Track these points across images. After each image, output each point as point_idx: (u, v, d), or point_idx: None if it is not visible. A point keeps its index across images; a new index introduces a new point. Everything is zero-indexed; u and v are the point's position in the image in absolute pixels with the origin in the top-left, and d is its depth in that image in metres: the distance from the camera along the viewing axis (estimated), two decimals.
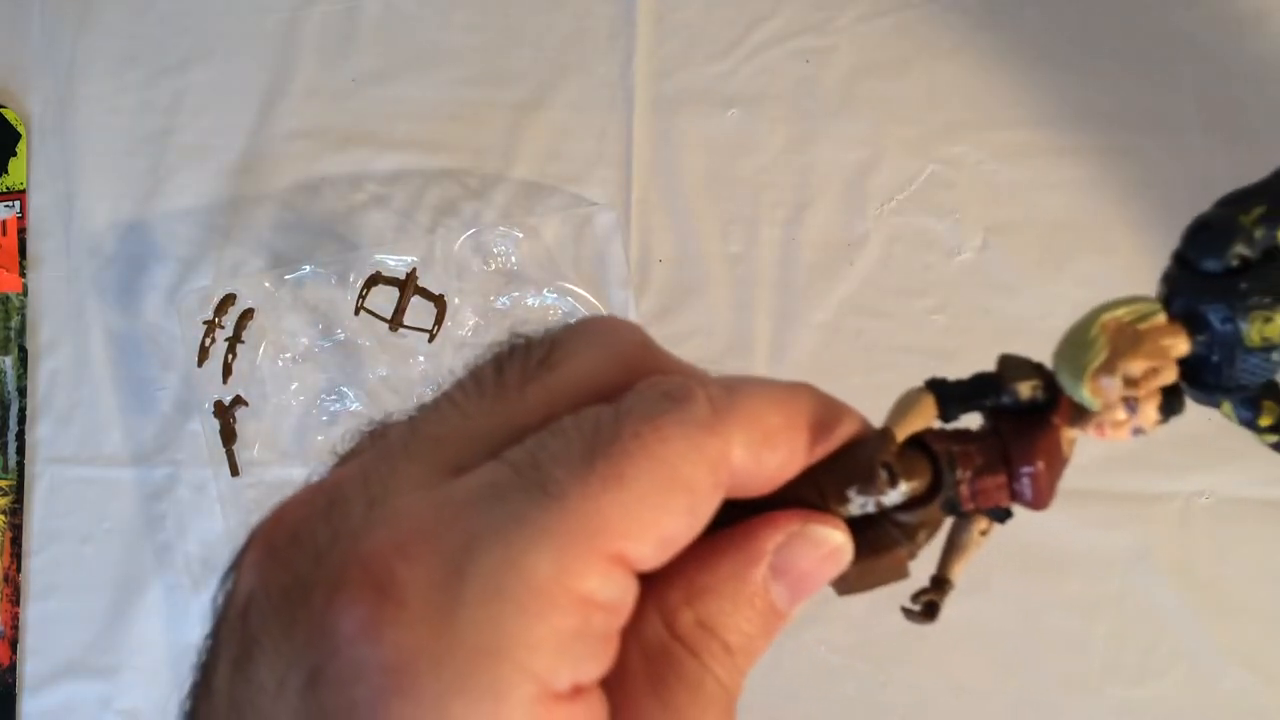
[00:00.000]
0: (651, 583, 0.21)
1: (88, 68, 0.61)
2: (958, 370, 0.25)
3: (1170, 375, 0.23)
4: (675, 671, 0.21)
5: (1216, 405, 0.25)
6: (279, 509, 0.21)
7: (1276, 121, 0.56)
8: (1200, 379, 0.24)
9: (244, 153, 0.60)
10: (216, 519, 0.57)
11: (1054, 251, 0.56)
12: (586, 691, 0.19)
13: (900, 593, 0.25)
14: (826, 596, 0.32)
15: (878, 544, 0.23)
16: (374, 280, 0.57)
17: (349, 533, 0.19)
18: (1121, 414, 0.22)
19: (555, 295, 0.58)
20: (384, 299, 0.57)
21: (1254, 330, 0.23)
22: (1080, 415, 0.23)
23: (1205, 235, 0.23)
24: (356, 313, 0.57)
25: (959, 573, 0.26)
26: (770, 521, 0.22)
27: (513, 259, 0.58)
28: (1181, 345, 0.23)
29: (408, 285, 0.57)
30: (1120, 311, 0.23)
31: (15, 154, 0.60)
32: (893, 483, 0.23)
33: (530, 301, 0.58)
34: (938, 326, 0.56)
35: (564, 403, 0.21)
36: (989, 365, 0.25)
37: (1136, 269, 0.43)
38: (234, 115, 0.60)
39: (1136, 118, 0.57)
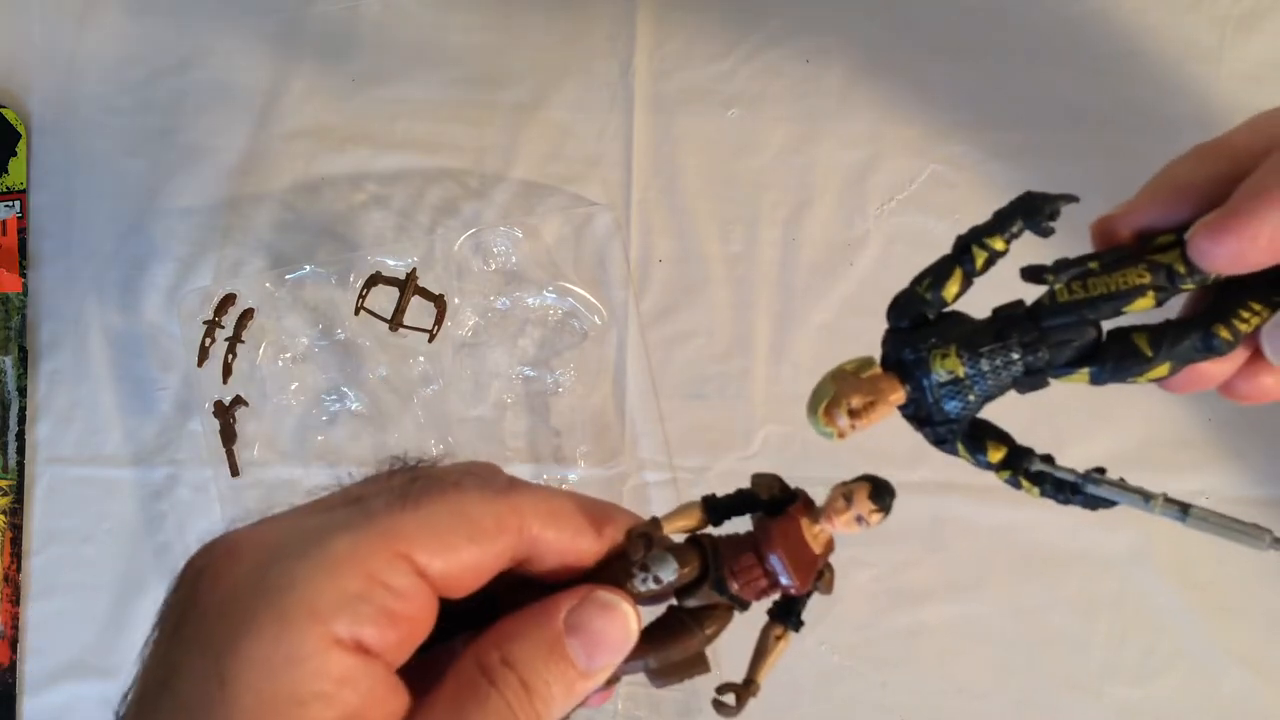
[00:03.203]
0: (474, 639, 0.28)
1: (88, 68, 0.61)
2: None
3: (885, 410, 0.30)
4: (474, 695, 0.27)
5: (954, 452, 0.31)
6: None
7: None
8: (924, 418, 0.31)
9: (244, 153, 0.60)
10: (216, 519, 0.57)
11: (1054, 252, 0.56)
12: (369, 655, 0.25)
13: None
14: (827, 599, 0.32)
15: (672, 630, 0.30)
16: (374, 280, 0.57)
17: (228, 534, 0.28)
18: (841, 503, 0.28)
19: (555, 295, 0.58)
20: (384, 299, 0.57)
21: (936, 363, 0.30)
22: (812, 509, 0.29)
23: (896, 305, 0.31)
24: (356, 313, 0.57)
25: (764, 675, 0.31)
26: (568, 590, 0.28)
27: (513, 259, 0.58)
28: (896, 392, 0.30)
29: (408, 285, 0.57)
30: (847, 365, 0.30)
31: (15, 154, 0.60)
32: (647, 547, 0.28)
33: (530, 301, 0.58)
34: None
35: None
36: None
37: None
38: (234, 115, 0.60)
39: (1135, 119, 0.57)
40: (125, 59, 0.61)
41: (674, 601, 0.30)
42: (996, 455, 0.32)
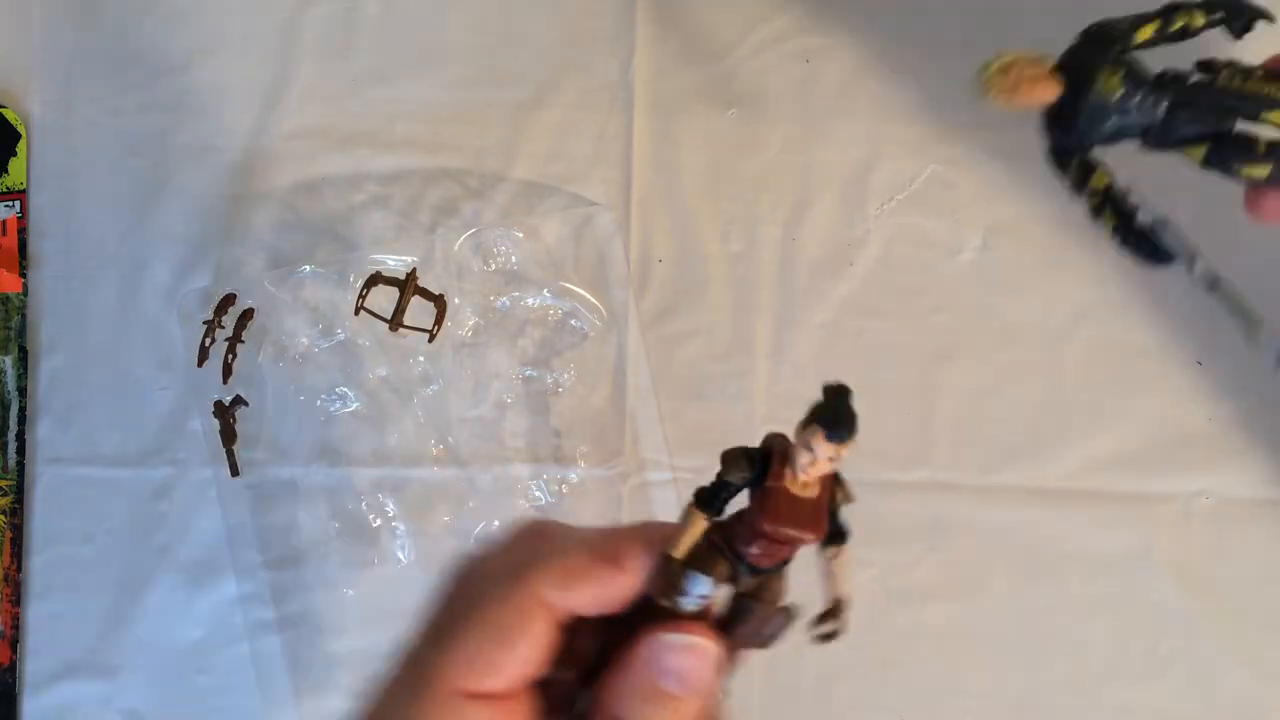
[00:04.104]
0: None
1: (88, 68, 0.61)
2: (956, 370, 0.27)
3: (1039, 94, 0.37)
4: None
5: (1064, 168, 0.37)
6: None
7: None
8: (1062, 123, 0.35)
9: (244, 153, 0.60)
10: (216, 519, 0.57)
11: (1054, 251, 0.56)
12: None
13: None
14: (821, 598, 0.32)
15: (743, 615, 0.30)
16: (374, 280, 0.57)
17: None
18: (806, 456, 0.28)
19: (555, 295, 0.58)
20: (384, 299, 0.57)
21: (1102, 78, 0.35)
22: (790, 463, 0.29)
23: (1097, 25, 0.37)
24: (356, 313, 0.57)
25: (846, 589, 0.31)
26: (642, 637, 0.30)
27: (513, 259, 0.58)
28: (1053, 89, 0.35)
29: (408, 285, 0.57)
30: (1028, 53, 0.36)
31: (15, 154, 0.60)
32: (672, 584, 0.29)
33: (530, 301, 0.58)
34: (938, 326, 0.56)
35: None
36: (988, 365, 0.28)
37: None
38: (234, 115, 0.60)
39: None
40: (125, 59, 0.61)
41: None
42: (1100, 181, 0.37)
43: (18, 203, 0.60)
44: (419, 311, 0.57)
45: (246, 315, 0.58)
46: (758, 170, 0.58)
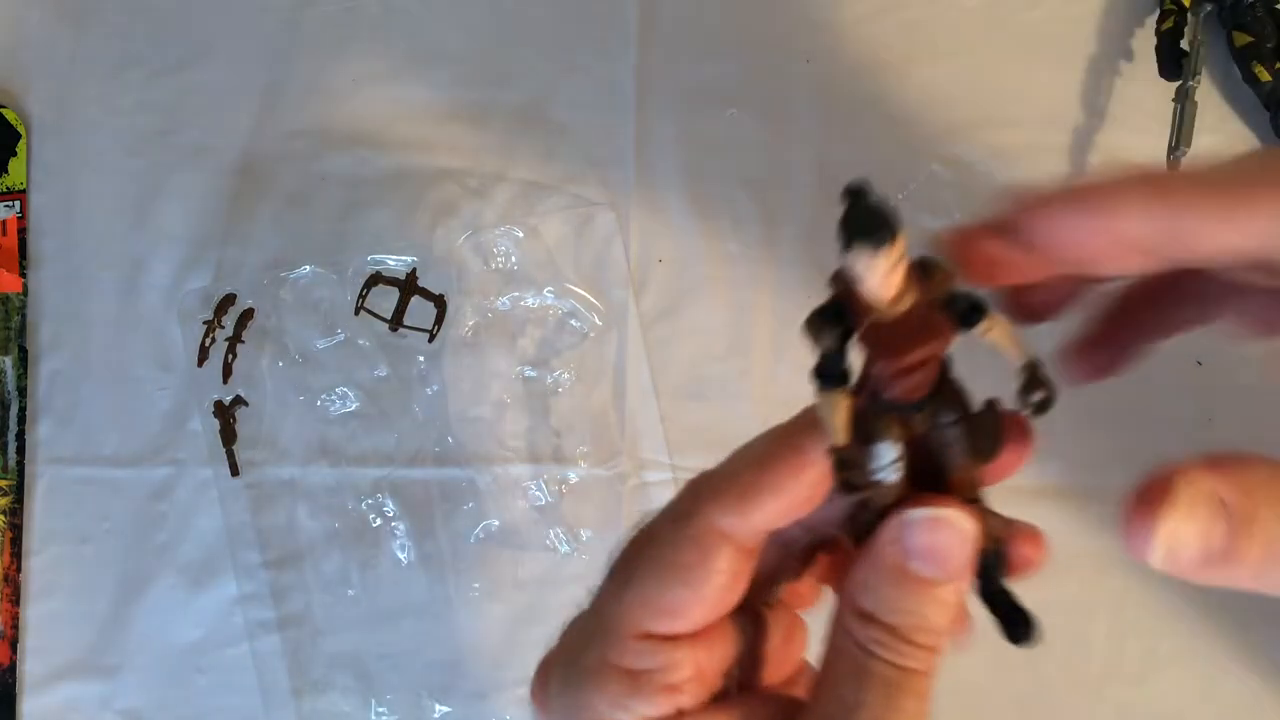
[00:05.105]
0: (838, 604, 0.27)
1: (88, 68, 0.61)
2: (959, 370, 0.26)
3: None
4: (854, 674, 0.26)
5: None
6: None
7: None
8: None
9: (244, 153, 0.60)
10: (216, 519, 0.57)
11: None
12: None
13: None
14: (823, 599, 0.32)
15: (953, 440, 0.26)
16: (374, 280, 0.57)
17: None
18: (870, 280, 0.24)
19: (555, 295, 0.58)
20: (384, 299, 0.57)
21: None
22: (863, 302, 0.25)
23: None
24: (356, 313, 0.57)
25: (1024, 352, 0.26)
26: (882, 528, 0.26)
27: (513, 259, 0.58)
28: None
29: (408, 285, 0.57)
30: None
31: (15, 154, 0.60)
32: (850, 471, 0.25)
33: (530, 301, 0.58)
34: None
35: None
36: (988, 365, 0.26)
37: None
38: (234, 115, 0.60)
39: (1136, 118, 0.57)
40: (125, 59, 0.61)
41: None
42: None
43: (18, 203, 0.60)
44: (419, 311, 0.57)
45: (246, 315, 0.58)
46: (758, 170, 0.58)
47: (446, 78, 0.60)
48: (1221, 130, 0.57)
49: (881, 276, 0.23)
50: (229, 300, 0.58)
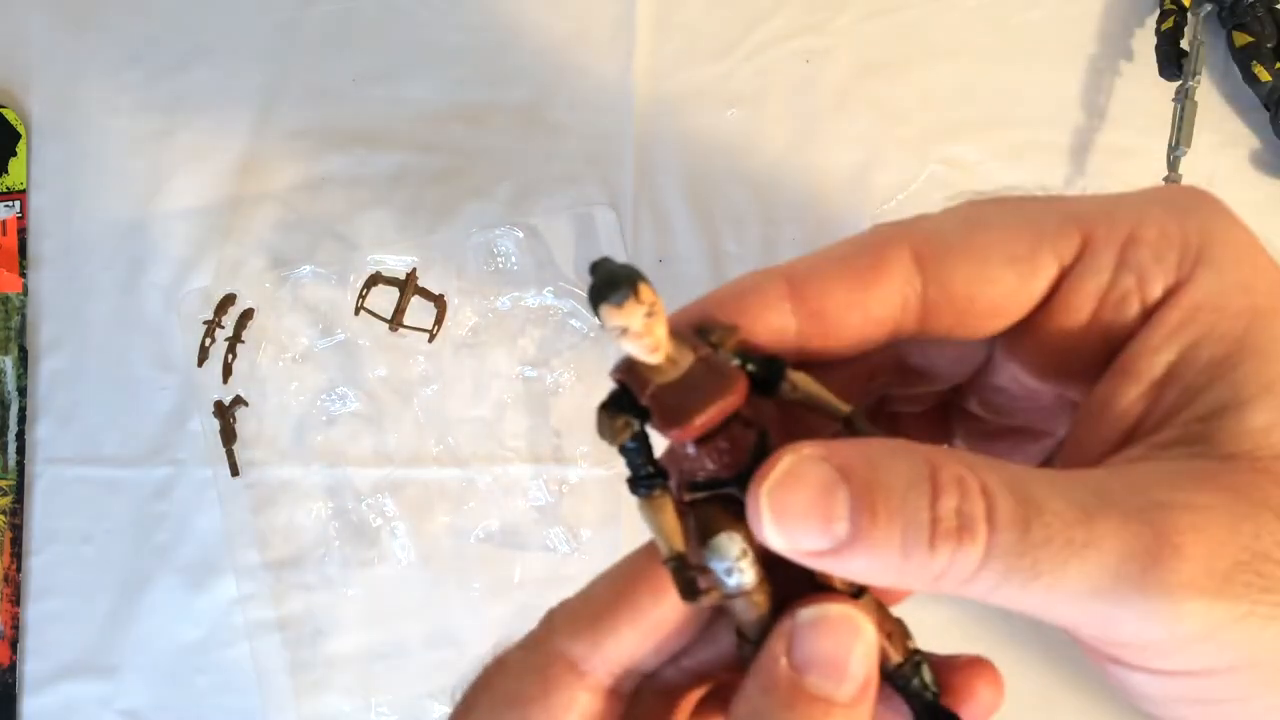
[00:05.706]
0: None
1: (88, 68, 0.61)
2: None
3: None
4: None
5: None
6: None
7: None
8: None
9: (244, 153, 0.60)
10: (216, 519, 0.57)
11: None
12: None
13: None
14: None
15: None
16: (374, 280, 0.57)
17: None
18: (625, 342, 0.22)
19: (555, 295, 0.58)
20: (384, 299, 0.57)
21: None
22: (635, 370, 0.23)
23: None
24: (356, 313, 0.57)
25: (839, 403, 0.24)
26: (777, 629, 0.23)
27: (513, 259, 0.58)
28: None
29: (408, 285, 0.57)
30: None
31: (15, 154, 0.60)
32: (707, 575, 0.23)
33: (530, 301, 0.58)
34: None
35: None
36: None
37: None
38: (234, 115, 0.60)
39: (1136, 118, 0.57)
40: (125, 59, 0.61)
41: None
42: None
43: (18, 203, 0.60)
44: (419, 311, 0.57)
45: (246, 315, 0.58)
46: (758, 170, 0.58)
47: (446, 78, 0.60)
48: (1221, 130, 0.57)
49: (639, 330, 0.22)
50: (229, 300, 0.58)
